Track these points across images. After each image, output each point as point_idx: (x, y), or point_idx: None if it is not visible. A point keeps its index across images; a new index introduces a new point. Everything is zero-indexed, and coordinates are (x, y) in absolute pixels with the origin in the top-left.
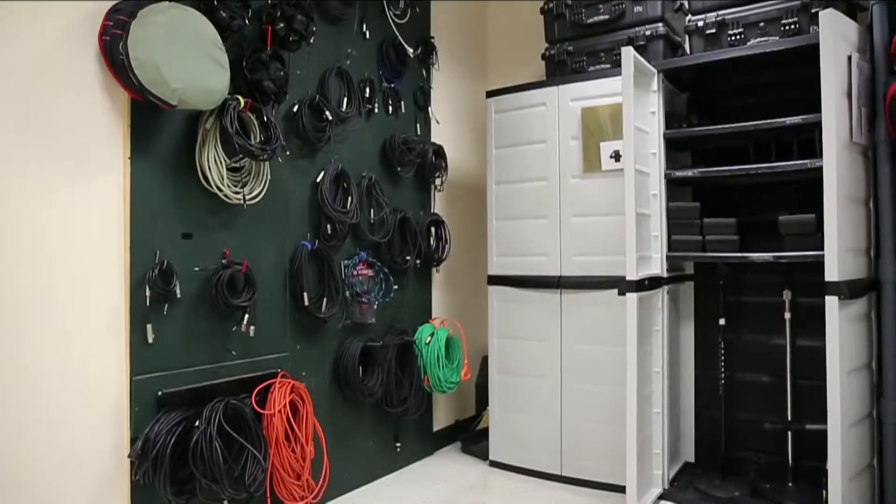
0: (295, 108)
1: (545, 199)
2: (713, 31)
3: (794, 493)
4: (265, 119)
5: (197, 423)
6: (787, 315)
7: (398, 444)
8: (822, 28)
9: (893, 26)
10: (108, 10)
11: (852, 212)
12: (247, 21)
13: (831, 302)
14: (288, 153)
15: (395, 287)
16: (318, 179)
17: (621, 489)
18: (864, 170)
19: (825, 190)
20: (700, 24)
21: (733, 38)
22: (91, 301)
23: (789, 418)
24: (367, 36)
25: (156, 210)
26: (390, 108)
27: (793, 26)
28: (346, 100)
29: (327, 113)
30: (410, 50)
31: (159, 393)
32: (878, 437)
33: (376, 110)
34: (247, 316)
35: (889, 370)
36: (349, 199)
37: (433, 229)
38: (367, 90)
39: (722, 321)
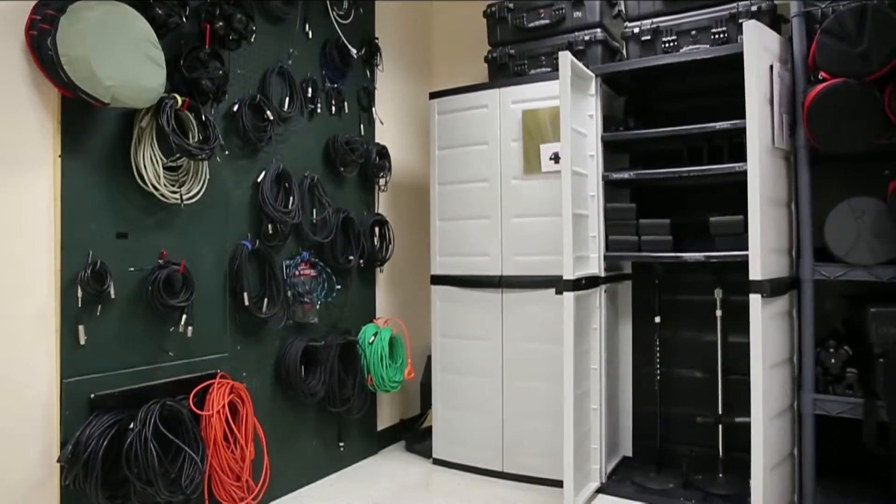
0: (235, 108)
1: (487, 199)
2: (648, 37)
3: (724, 483)
4: (203, 118)
5: (131, 426)
6: (719, 313)
7: (342, 444)
8: (746, 38)
9: (811, 38)
10: (35, 4)
11: (775, 213)
12: (184, 19)
13: (755, 300)
14: (227, 153)
15: (338, 287)
16: (260, 179)
17: (561, 484)
18: (786, 173)
19: (749, 192)
20: (636, 30)
21: (667, 44)
22: (18, 302)
23: (720, 412)
24: (311, 36)
25: (89, 209)
26: (333, 109)
27: (722, 35)
28: (288, 99)
29: (268, 112)
30: (354, 50)
31: (92, 395)
32: (797, 428)
33: (319, 110)
34: (185, 316)
35: (807, 364)
36: (291, 199)
37: (377, 229)
38: (310, 90)
39: (658, 319)
